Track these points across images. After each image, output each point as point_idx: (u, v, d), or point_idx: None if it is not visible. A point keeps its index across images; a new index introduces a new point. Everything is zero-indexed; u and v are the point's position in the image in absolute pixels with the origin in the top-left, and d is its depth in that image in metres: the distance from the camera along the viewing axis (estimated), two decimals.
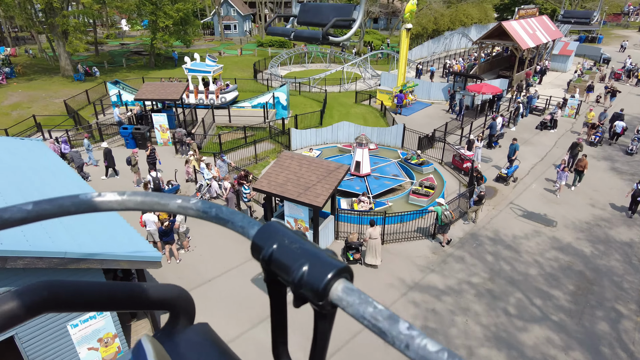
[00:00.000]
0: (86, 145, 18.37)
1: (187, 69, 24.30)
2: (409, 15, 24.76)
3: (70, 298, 0.63)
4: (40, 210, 0.69)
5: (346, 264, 0.55)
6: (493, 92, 24.49)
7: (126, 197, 0.75)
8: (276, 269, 0.60)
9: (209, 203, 0.74)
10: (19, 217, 0.67)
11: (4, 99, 26.34)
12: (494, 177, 17.37)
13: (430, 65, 36.10)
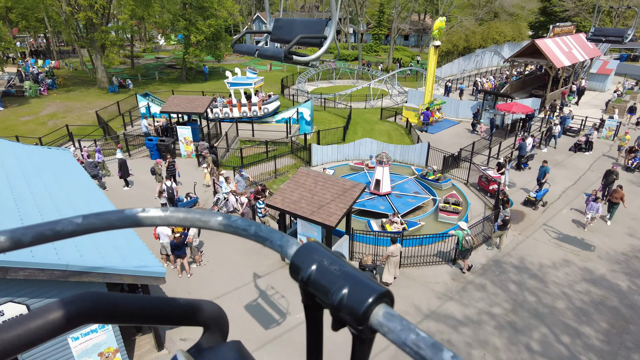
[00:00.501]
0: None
1: (229, 83, 24.60)
2: (437, 33, 24.36)
3: (112, 310, 0.67)
4: (88, 223, 0.72)
5: (387, 288, 0.55)
6: (524, 111, 23.59)
7: (169, 213, 0.77)
8: (315, 291, 0.60)
9: (248, 221, 0.75)
10: (70, 230, 0.71)
11: (42, 109, 27.59)
12: (522, 201, 16.52)
13: (460, 82, 35.36)
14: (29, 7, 39.03)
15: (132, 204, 16.47)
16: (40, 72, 36.82)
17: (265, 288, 11.44)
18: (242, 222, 0.76)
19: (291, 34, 3.50)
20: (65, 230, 0.70)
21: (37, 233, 0.68)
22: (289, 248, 0.67)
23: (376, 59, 53.51)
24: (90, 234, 0.73)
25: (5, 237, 0.66)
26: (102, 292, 0.67)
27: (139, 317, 0.70)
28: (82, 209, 10.00)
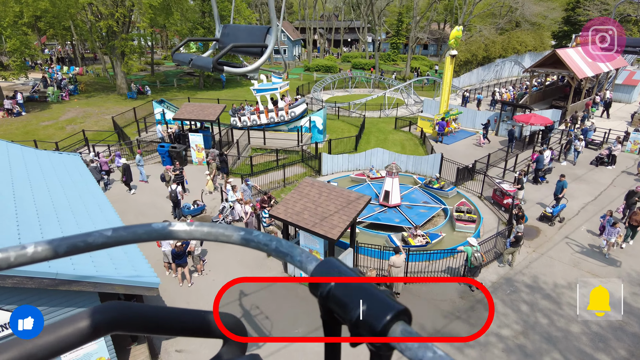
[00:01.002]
0: (137, 160, 18.91)
1: (255, 89, 24.64)
2: (453, 42, 23.94)
3: (137, 321, 0.71)
4: (118, 236, 0.77)
5: (405, 306, 0.57)
6: (543, 123, 22.85)
7: (194, 227, 0.81)
8: (333, 306, 0.62)
9: (269, 236, 0.78)
10: (100, 242, 0.76)
11: (62, 114, 28.26)
12: (538, 216, 15.86)
13: (478, 92, 34.68)
14: (56, 16, 40.38)
15: (140, 210, 16.53)
16: (64, 79, 37.89)
17: (265, 301, 11.19)
18: (263, 237, 0.79)
19: (236, 41, 3.28)
20: (96, 242, 0.75)
21: (71, 244, 0.73)
22: (308, 264, 0.69)
23: (394, 67, 53.17)
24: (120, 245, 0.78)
25: (43, 248, 0.70)
26: (128, 302, 0.71)
27: (164, 329, 0.73)
28: (81, 213, 9.99)
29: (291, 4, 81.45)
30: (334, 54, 65.67)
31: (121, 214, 16.22)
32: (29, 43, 29.59)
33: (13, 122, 26.57)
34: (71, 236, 0.73)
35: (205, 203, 16.51)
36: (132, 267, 8.32)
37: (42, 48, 59.04)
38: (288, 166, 19.93)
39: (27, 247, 0.70)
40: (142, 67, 51.14)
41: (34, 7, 32.32)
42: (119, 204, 17.11)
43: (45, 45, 63.35)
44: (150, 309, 0.73)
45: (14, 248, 0.70)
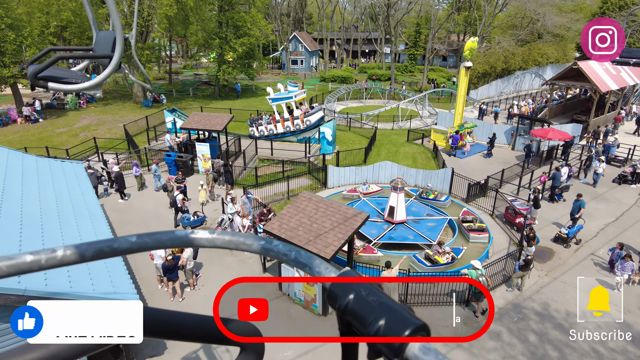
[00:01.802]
0: (153, 170, 18.84)
1: (270, 99, 24.54)
2: (468, 53, 23.29)
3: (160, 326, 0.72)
4: (141, 242, 0.80)
5: (424, 321, 0.57)
6: (561, 138, 21.88)
7: (215, 235, 0.84)
8: (352, 320, 0.62)
9: (289, 246, 0.80)
10: (125, 247, 0.79)
11: (76, 121, 28.72)
12: (553, 237, 14.96)
13: (495, 105, 33.73)
14: (80, 26, 41.51)
15: (143, 218, 16.38)
16: None
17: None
18: (283, 247, 0.81)
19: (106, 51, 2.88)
20: (121, 247, 0.78)
21: (98, 249, 0.76)
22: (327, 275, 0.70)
23: (411, 79, 52.55)
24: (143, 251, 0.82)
25: (71, 252, 0.74)
26: (152, 307, 0.73)
27: (184, 335, 0.74)
28: (69, 224, 9.79)
29: (310, 15, 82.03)
30: (351, 65, 65.51)
31: (123, 222, 16.19)
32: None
33: (30, 128, 27.12)
34: (98, 241, 0.77)
35: (207, 214, 16.25)
36: (110, 283, 8.01)
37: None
38: (293, 178, 19.54)
39: (57, 250, 0.74)
40: (161, 76, 52.02)
41: (57, 18, 33.30)
42: (122, 212, 17.08)
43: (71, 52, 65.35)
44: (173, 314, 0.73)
45: (45, 251, 0.73)
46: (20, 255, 0.71)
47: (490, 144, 23.92)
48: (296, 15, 72.07)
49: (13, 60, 26.65)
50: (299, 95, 24.22)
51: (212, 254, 13.77)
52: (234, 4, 35.96)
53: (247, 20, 35.84)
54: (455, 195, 18.50)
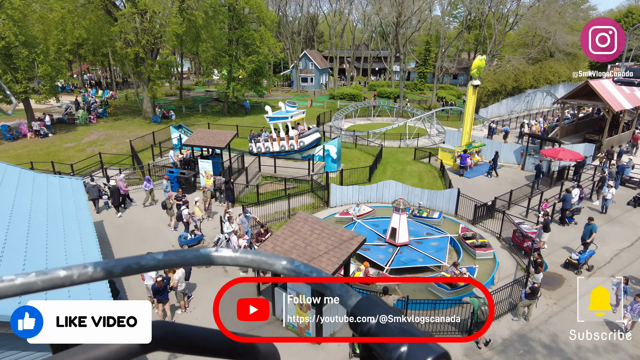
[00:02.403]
0: (164, 186, 18.73)
1: (268, 117, 24.54)
2: (476, 72, 23.00)
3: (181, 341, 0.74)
4: (167, 259, 0.82)
5: (445, 349, 0.59)
6: (573, 158, 21.23)
7: (238, 254, 0.85)
8: (374, 345, 0.63)
9: (310, 267, 0.81)
10: (152, 264, 0.81)
11: (85, 136, 29.00)
12: (563, 262, 14.28)
13: (504, 124, 33.18)
14: (94, 43, 42.52)
15: (142, 235, 16.14)
16: (96, 102, 39.38)
17: None
18: (304, 267, 0.82)
19: None
20: (148, 264, 0.81)
21: (126, 266, 0.79)
22: (348, 299, 0.71)
23: (420, 97, 52.36)
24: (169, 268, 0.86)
25: (101, 268, 0.77)
26: (173, 322, 0.76)
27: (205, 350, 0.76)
28: (56, 243, 9.55)
29: (322, 33, 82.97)
30: (361, 83, 65.69)
31: (120, 238, 15.97)
32: (60, 69, 30.88)
33: (39, 143, 27.43)
34: (126, 258, 0.80)
35: (205, 233, 15.95)
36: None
37: (84, 73, 62.43)
38: (296, 196, 19.23)
39: (88, 266, 0.77)
40: (172, 92, 52.73)
41: (72, 35, 34.10)
42: (121, 228, 16.88)
43: (89, 70, 67.00)
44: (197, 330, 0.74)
45: (77, 267, 0.76)
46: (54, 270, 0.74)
47: (493, 163, 23.38)
48: (307, 33, 73.01)
49: (25, 76, 27.15)
50: (295, 115, 24.17)
51: (207, 275, 13.43)
52: (244, 22, 36.40)
53: (257, 38, 36.20)
54: (462, 216, 17.94)
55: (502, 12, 45.78)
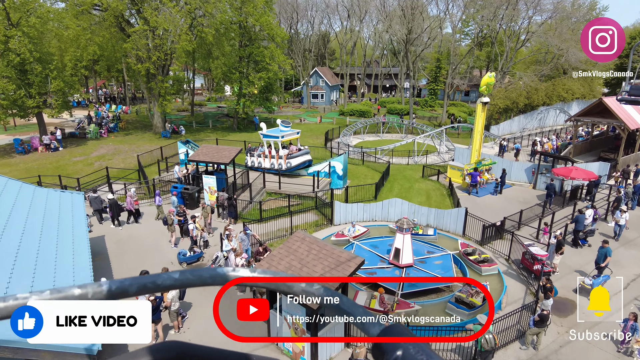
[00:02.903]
0: (173, 202, 18.62)
1: (262, 134, 24.55)
2: (485, 89, 22.62)
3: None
4: (184, 279, 0.82)
5: None
6: (585, 177, 20.55)
7: (257, 274, 0.84)
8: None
9: (331, 291, 0.81)
10: (168, 284, 0.81)
11: (94, 150, 29.29)
12: (575, 287, 13.57)
13: (516, 141, 32.57)
14: (108, 59, 43.50)
15: (141, 251, 15.95)
16: (108, 116, 40.01)
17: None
18: (324, 291, 0.80)
19: None
20: (164, 283, 0.80)
21: (141, 285, 0.79)
22: (372, 327, 0.68)
23: (430, 113, 52.04)
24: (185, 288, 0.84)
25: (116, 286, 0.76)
26: (186, 342, 0.75)
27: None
28: (47, 261, 9.37)
29: (333, 50, 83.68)
30: (372, 99, 65.72)
31: (120, 254, 15.80)
32: (73, 84, 31.47)
33: (49, 156, 27.77)
34: (142, 277, 0.79)
35: (204, 250, 15.70)
36: None
37: (100, 88, 63.83)
38: (299, 213, 18.93)
39: (103, 285, 0.76)
40: (184, 108, 53.37)
41: (86, 52, 34.89)
42: (122, 243, 16.74)
43: (105, 86, 68.47)
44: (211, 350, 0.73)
45: (92, 285, 0.76)
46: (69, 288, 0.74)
47: (501, 181, 22.84)
48: (319, 51, 73.69)
49: (39, 92, 27.67)
50: (287, 135, 24.22)
51: (203, 294, 13.10)
52: (254, 40, 36.81)
53: (266, 55, 36.52)
54: (469, 237, 17.38)
55: (513, 29, 45.54)
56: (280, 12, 59.93)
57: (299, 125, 43.54)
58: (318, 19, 63.96)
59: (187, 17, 30.98)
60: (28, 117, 29.96)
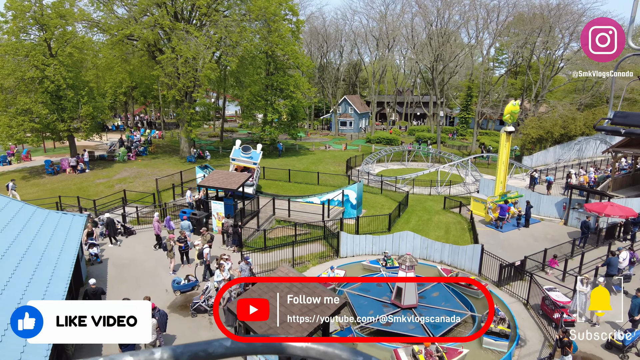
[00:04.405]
0: (186, 227, 18.48)
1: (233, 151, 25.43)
2: (509, 117, 21.39)
3: None
4: (236, 347, 0.86)
5: None
6: (623, 214, 18.61)
7: (310, 345, 0.87)
8: None
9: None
10: (220, 352, 0.84)
11: (117, 173, 30.05)
12: (604, 342, 11.90)
13: (550, 173, 30.55)
14: (144, 85, 45.50)
15: (138, 278, 15.67)
16: (140, 140, 41.39)
17: None
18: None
19: None
20: (216, 352, 0.83)
21: (193, 353, 0.82)
22: None
23: (461, 142, 50.42)
24: (237, 356, 0.87)
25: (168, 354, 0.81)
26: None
27: None
28: (19, 282, 9.13)
29: (365, 79, 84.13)
30: (402, 127, 64.83)
31: (117, 280, 15.56)
32: (103, 109, 32.83)
33: (75, 178, 28.72)
34: (194, 344, 0.83)
35: (198, 278, 15.20)
36: None
37: (139, 114, 66.91)
38: (305, 243, 18.15)
39: (155, 352, 0.80)
40: (215, 133, 54.61)
41: (120, 78, 36.60)
42: (121, 268, 16.53)
43: (146, 111, 71.72)
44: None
45: (144, 352, 0.79)
46: (121, 356, 0.78)
47: (525, 214, 21.20)
48: (350, 79, 74.21)
49: (70, 116, 28.97)
50: (238, 161, 25.15)
51: (188, 325, 12.51)
52: (280, 68, 37.38)
53: (291, 83, 36.85)
54: (486, 277, 15.93)
55: (549, 57, 43.85)
56: (310, 42, 61.12)
57: (324, 152, 43.29)
58: (348, 48, 64.60)
59: (213, 46, 31.87)
60: (61, 140, 31.37)
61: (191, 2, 31.64)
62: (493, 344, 11.71)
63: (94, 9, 31.49)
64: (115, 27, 30.17)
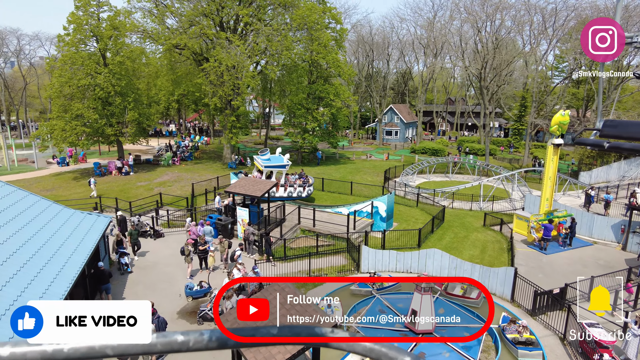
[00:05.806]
0: (208, 232, 18.73)
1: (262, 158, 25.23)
2: (557, 128, 19.50)
3: None
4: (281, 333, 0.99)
5: None
6: None
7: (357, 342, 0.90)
8: None
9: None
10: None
11: (159, 176, 31.20)
12: None
13: (610, 192, 27.58)
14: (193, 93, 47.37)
15: (152, 282, 15.82)
16: (188, 146, 43.01)
17: None
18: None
19: None
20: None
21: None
22: None
23: (512, 155, 47.33)
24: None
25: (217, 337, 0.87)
26: None
27: None
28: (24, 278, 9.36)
29: (416, 87, 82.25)
30: (451, 138, 62.29)
31: (136, 282, 15.82)
32: (148, 115, 34.41)
33: (119, 179, 30.20)
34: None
35: (212, 284, 15.04)
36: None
37: (192, 120, 69.85)
38: (327, 255, 17.55)
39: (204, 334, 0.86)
40: (261, 141, 55.60)
41: (168, 88, 38.27)
42: (142, 271, 16.80)
43: (200, 118, 74.90)
44: None
45: (193, 333, 0.84)
46: (173, 334, 0.82)
47: (570, 233, 19.12)
48: (399, 88, 72.76)
49: (118, 121, 30.62)
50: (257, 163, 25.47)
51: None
52: (321, 77, 37.27)
53: (331, 92, 36.57)
54: (519, 304, 14.38)
55: (617, 63, 40.07)
56: (357, 50, 60.68)
57: (364, 162, 42.43)
58: (395, 56, 63.38)
59: (256, 55, 32.40)
60: (111, 143, 33.23)
61: (235, 13, 32.43)
62: (529, 355, 11.05)
63: (147, 21, 33.29)
64: (164, 37, 31.61)
